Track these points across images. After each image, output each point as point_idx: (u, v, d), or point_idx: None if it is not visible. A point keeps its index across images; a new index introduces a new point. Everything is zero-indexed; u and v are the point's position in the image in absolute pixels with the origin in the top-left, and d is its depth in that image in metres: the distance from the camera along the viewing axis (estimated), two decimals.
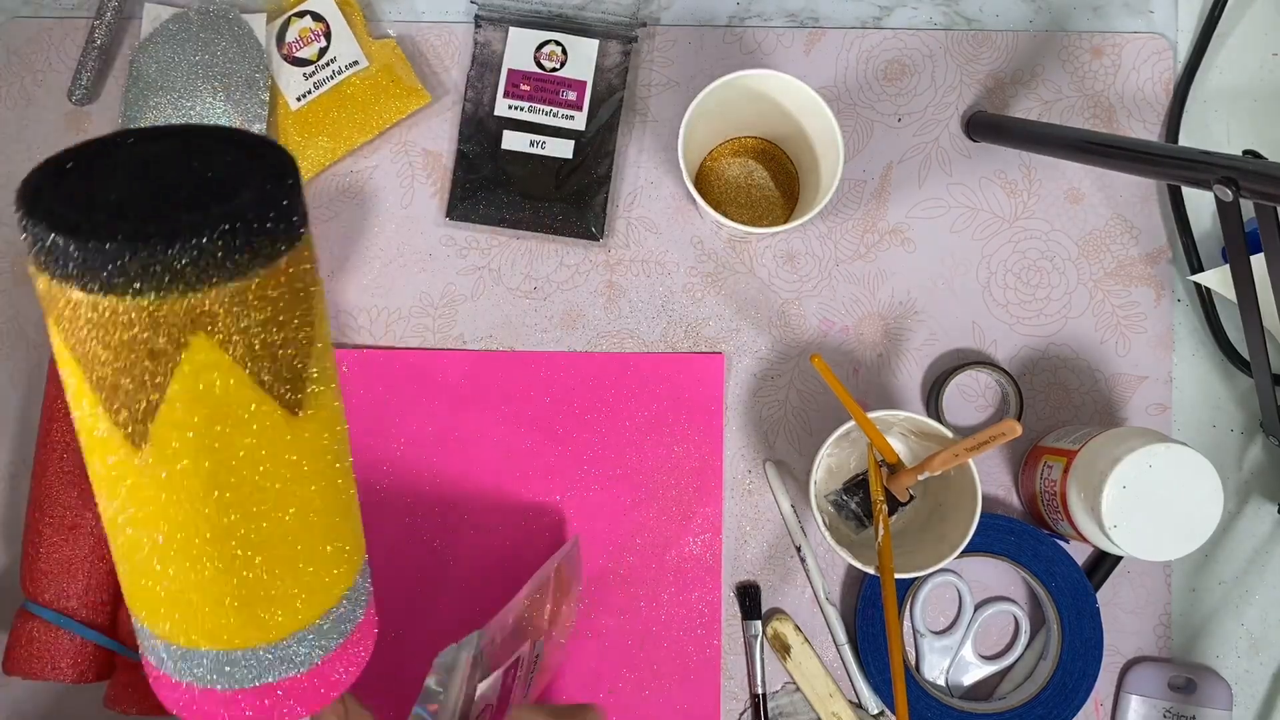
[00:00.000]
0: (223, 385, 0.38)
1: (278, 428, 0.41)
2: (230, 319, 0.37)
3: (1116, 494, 0.63)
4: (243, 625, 0.45)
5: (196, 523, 0.42)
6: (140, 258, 0.35)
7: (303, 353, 0.40)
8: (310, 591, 0.46)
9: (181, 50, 0.73)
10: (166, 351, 0.37)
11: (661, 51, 0.77)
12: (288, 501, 0.43)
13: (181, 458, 0.40)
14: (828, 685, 0.72)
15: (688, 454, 0.74)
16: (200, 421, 0.39)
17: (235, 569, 0.43)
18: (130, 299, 0.35)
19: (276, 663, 0.46)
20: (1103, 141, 0.63)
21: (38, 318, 0.76)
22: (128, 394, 0.38)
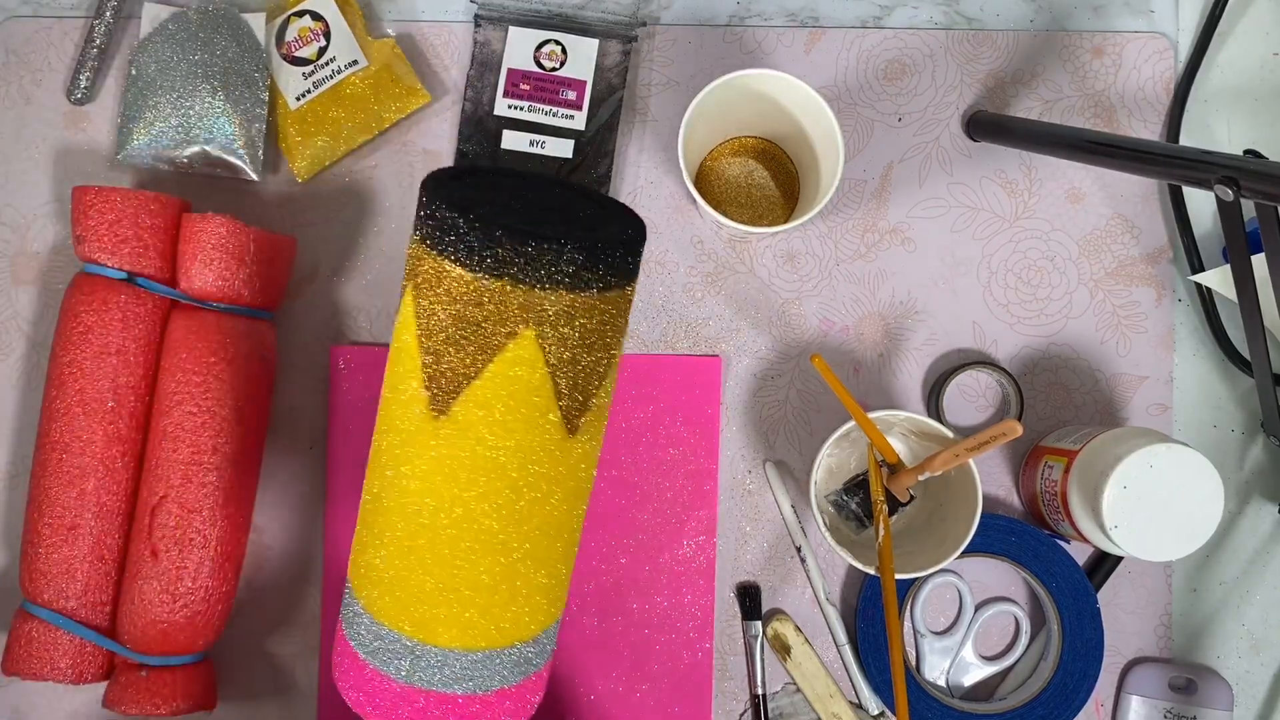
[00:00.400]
0: (529, 381, 0.44)
1: (556, 440, 0.46)
2: (557, 324, 0.43)
3: (1117, 494, 0.63)
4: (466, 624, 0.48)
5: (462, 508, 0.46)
6: (513, 247, 0.42)
7: (595, 383, 0.46)
8: (539, 606, 0.49)
9: (181, 50, 0.73)
10: (499, 334, 0.43)
11: (661, 51, 0.77)
12: (546, 512, 0.47)
13: (473, 437, 0.45)
14: (828, 686, 0.72)
15: (684, 456, 0.74)
16: (500, 408, 0.44)
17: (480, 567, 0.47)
18: (490, 280, 0.42)
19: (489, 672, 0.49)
20: (1103, 141, 0.63)
21: (37, 318, 0.76)
22: (450, 364, 0.44)
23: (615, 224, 0.46)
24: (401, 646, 0.48)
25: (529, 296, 0.43)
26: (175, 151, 0.73)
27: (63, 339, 0.69)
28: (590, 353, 0.45)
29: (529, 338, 0.43)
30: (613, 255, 0.44)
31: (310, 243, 0.76)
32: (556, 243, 0.42)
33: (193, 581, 0.66)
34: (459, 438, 0.45)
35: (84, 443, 0.67)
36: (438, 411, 0.45)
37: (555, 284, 0.43)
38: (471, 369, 0.44)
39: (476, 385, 0.44)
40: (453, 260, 0.43)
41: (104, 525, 0.68)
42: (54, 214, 0.77)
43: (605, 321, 0.45)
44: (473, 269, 0.43)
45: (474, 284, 0.43)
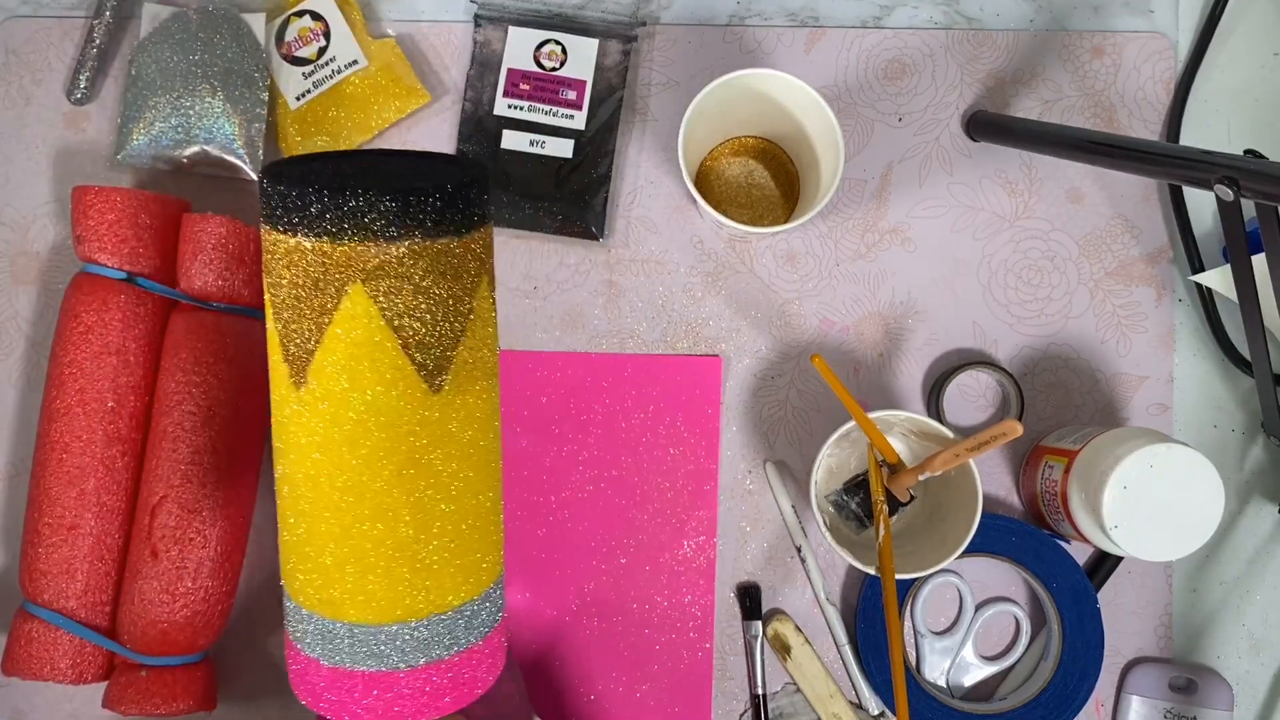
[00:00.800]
0: (369, 337, 0.44)
1: (418, 398, 0.46)
2: (385, 276, 0.44)
3: (1117, 494, 0.63)
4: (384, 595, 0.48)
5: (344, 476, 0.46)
6: (324, 203, 0.42)
7: (450, 335, 0.46)
8: (459, 572, 0.49)
9: (181, 50, 0.73)
10: (330, 294, 0.44)
11: (661, 51, 0.77)
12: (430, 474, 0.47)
13: (330, 402, 0.45)
14: (828, 686, 0.72)
15: (684, 456, 0.74)
16: (349, 370, 0.45)
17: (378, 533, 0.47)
18: (310, 239, 0.43)
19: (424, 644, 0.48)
20: (1103, 141, 0.63)
21: (37, 318, 0.76)
22: (297, 332, 0.45)
23: (444, 173, 0.46)
24: (317, 627, 0.49)
25: (351, 251, 0.43)
26: (175, 151, 0.73)
27: (63, 339, 0.69)
28: (433, 303, 0.45)
29: (358, 292, 0.44)
30: (435, 200, 0.44)
31: None
32: (367, 193, 0.43)
33: (193, 581, 0.66)
34: (318, 404, 0.45)
35: (84, 443, 0.67)
36: (297, 382, 0.45)
37: (374, 235, 0.43)
38: (316, 333, 0.44)
39: (322, 349, 0.44)
40: (280, 230, 0.44)
41: (104, 525, 0.68)
42: (54, 214, 0.77)
43: (444, 270, 0.45)
44: (294, 232, 0.43)
45: (297, 247, 0.43)
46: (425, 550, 0.48)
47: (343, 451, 0.46)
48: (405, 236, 0.44)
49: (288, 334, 0.45)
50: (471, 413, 0.48)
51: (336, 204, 0.43)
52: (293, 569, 0.49)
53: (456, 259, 0.46)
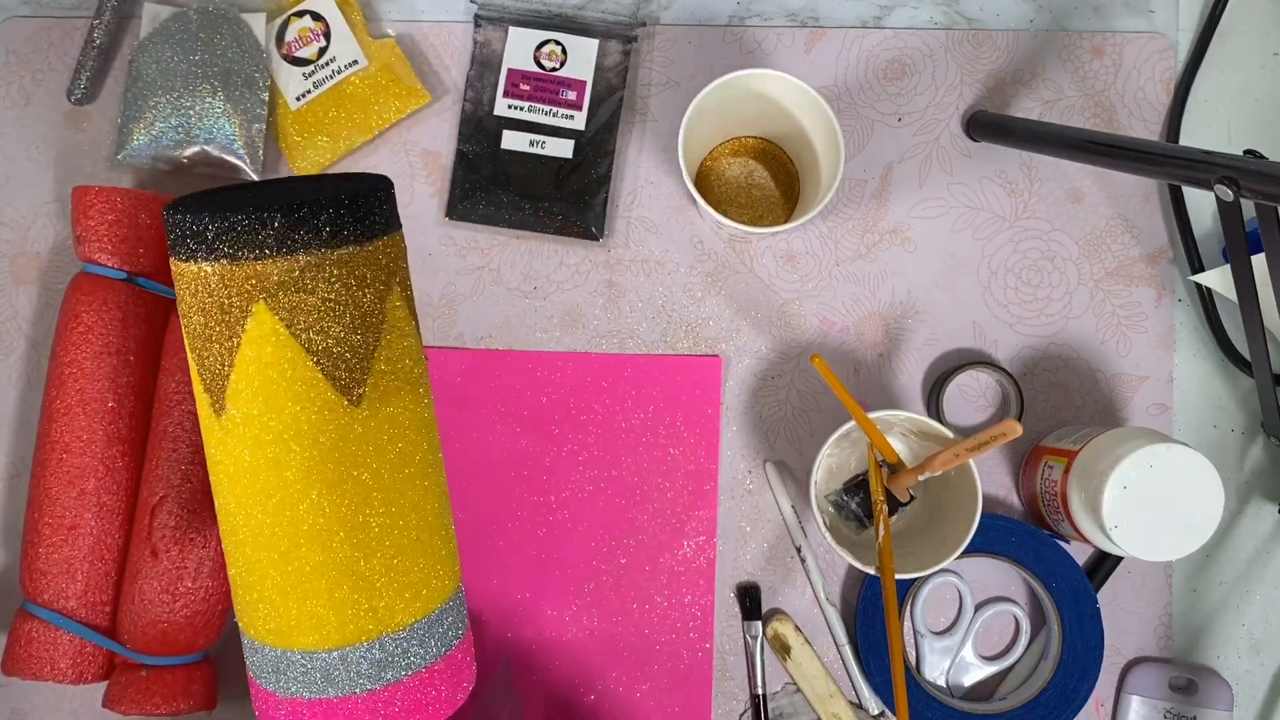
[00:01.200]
0: (280, 356, 0.44)
1: (338, 414, 0.45)
2: (287, 291, 0.43)
3: (1117, 494, 0.63)
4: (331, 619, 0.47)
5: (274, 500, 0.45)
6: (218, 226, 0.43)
7: (364, 348, 0.46)
8: (405, 589, 0.48)
9: (181, 50, 0.73)
10: (234, 314, 0.44)
11: (661, 51, 0.77)
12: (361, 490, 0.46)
13: (250, 426, 0.45)
14: (828, 686, 0.72)
15: (684, 456, 0.74)
16: (263, 391, 0.44)
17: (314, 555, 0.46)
18: (210, 264, 0.43)
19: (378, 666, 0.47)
20: (1103, 141, 0.63)
21: (37, 317, 0.76)
22: (211, 359, 0.45)
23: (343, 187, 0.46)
24: (270, 658, 0.48)
25: (250, 270, 0.43)
26: (175, 151, 0.73)
27: (63, 339, 0.69)
28: (340, 314, 0.45)
29: (263, 311, 0.44)
30: (328, 211, 0.44)
31: None
32: (258, 211, 0.43)
33: (193, 581, 0.66)
34: (239, 430, 0.45)
35: (84, 442, 0.67)
36: (218, 410, 0.45)
37: (270, 251, 0.43)
38: (228, 358, 0.44)
39: (235, 373, 0.44)
40: (182, 259, 0.44)
41: (104, 525, 0.68)
42: (54, 214, 0.77)
43: (347, 280, 0.45)
44: (194, 259, 0.44)
45: (199, 273, 0.44)
46: (367, 569, 0.47)
47: (269, 475, 0.45)
48: (302, 249, 0.44)
49: (203, 362, 0.45)
50: (398, 424, 0.47)
51: (230, 224, 0.43)
52: (241, 601, 0.48)
53: (360, 268, 0.45)
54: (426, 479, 0.49)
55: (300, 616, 0.47)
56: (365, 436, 0.46)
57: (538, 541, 0.74)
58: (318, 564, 0.46)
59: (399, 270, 0.48)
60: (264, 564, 0.46)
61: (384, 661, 0.47)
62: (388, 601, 0.47)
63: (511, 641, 0.73)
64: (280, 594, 0.47)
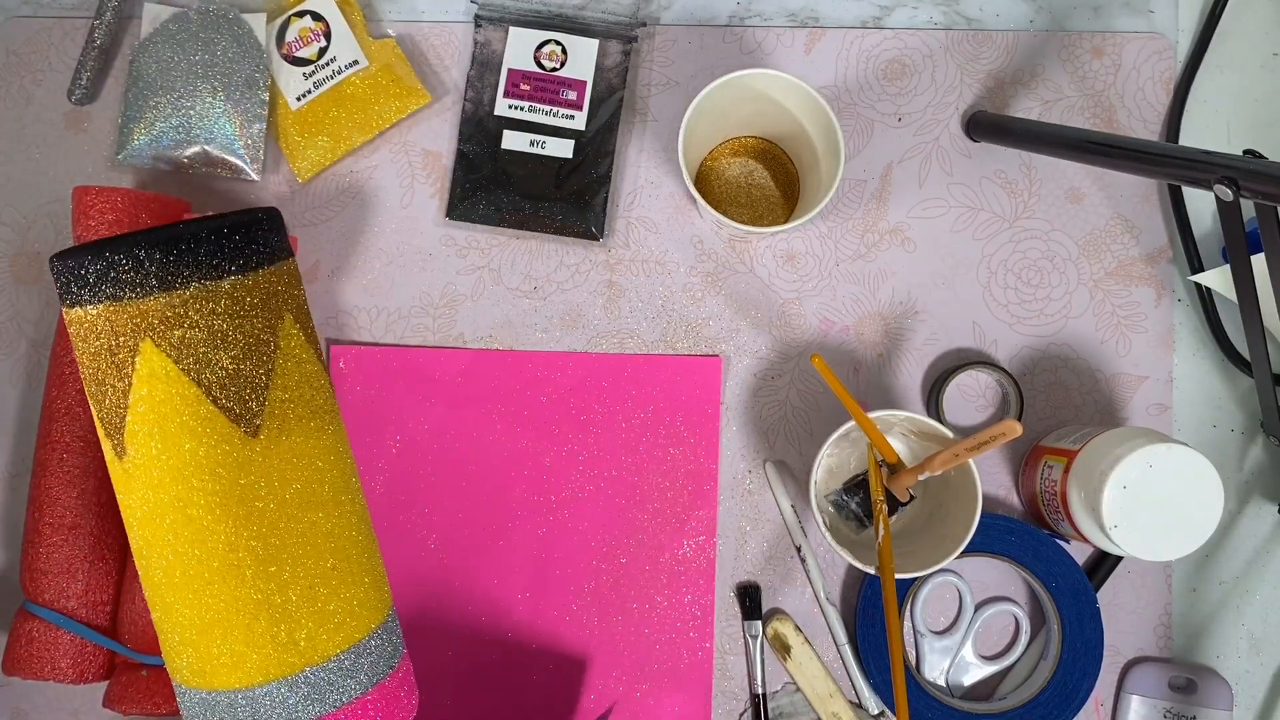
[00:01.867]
0: (171, 392, 0.44)
1: (236, 446, 0.45)
2: (170, 327, 0.43)
3: (1117, 494, 0.63)
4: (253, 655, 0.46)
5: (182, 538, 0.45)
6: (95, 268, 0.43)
7: (255, 378, 0.45)
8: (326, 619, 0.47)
9: (181, 50, 0.73)
10: (123, 355, 0.43)
11: (661, 51, 0.77)
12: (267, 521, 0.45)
13: (151, 466, 0.44)
14: (828, 685, 0.72)
15: (684, 456, 0.74)
16: (160, 429, 0.44)
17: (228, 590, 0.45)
18: (94, 307, 0.43)
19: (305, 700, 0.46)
20: (1103, 141, 0.63)
21: (37, 317, 0.76)
22: (108, 402, 0.45)
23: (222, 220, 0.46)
24: (199, 702, 0.47)
25: (134, 308, 0.43)
26: (176, 151, 0.73)
27: (63, 339, 0.69)
28: (230, 346, 0.45)
29: (149, 349, 0.43)
30: (207, 245, 0.44)
31: (310, 243, 0.76)
32: (131, 249, 0.43)
33: None
34: (141, 471, 0.44)
35: (85, 442, 0.67)
36: (119, 453, 0.45)
37: (152, 288, 0.43)
38: (123, 400, 0.44)
39: (131, 414, 0.44)
40: (69, 305, 0.44)
41: (105, 525, 0.68)
42: (55, 214, 0.77)
43: (233, 311, 0.45)
44: (80, 304, 0.44)
45: (85, 317, 0.44)
46: (283, 601, 0.46)
47: (174, 514, 0.45)
48: (183, 283, 0.44)
49: (100, 406, 0.45)
50: (301, 454, 0.47)
51: (109, 263, 0.43)
52: (165, 645, 0.48)
53: (245, 297, 0.45)
54: (340, 507, 0.48)
55: (221, 654, 0.46)
56: (267, 467, 0.46)
57: (538, 541, 0.74)
58: (232, 599, 0.45)
59: (291, 298, 0.47)
60: (180, 604, 0.46)
61: (311, 695, 0.47)
62: (308, 633, 0.47)
63: (511, 643, 0.73)
64: (199, 633, 0.46)
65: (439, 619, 0.73)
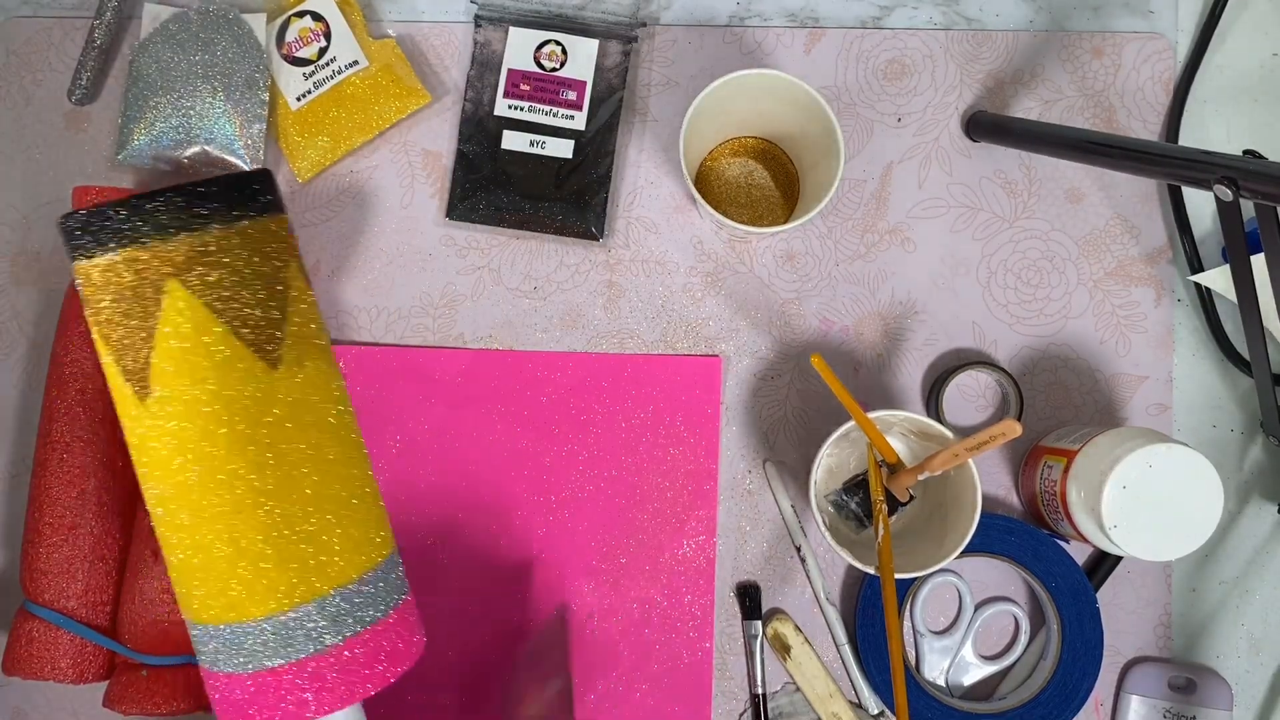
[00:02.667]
0: (197, 329, 0.47)
1: (260, 378, 0.48)
2: (195, 266, 0.46)
3: (1117, 494, 0.63)
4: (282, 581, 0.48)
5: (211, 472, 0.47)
6: (118, 217, 0.46)
7: (274, 313, 0.48)
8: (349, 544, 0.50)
9: (181, 50, 0.73)
10: (150, 297, 0.46)
11: (661, 51, 0.77)
12: (291, 450, 0.48)
13: (178, 403, 0.47)
14: (828, 685, 0.72)
15: (684, 456, 0.74)
16: (188, 364, 0.47)
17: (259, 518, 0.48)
18: (118, 253, 0.46)
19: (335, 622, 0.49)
20: (1103, 141, 0.63)
21: (37, 317, 0.76)
22: (130, 347, 0.47)
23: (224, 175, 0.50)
24: (227, 637, 0.49)
25: (158, 250, 0.46)
26: (176, 152, 0.73)
27: (63, 339, 0.69)
28: (249, 281, 0.48)
29: (175, 287, 0.46)
30: (225, 191, 0.48)
31: (310, 243, 0.76)
32: (154, 196, 0.46)
33: None
34: (167, 409, 0.47)
35: (85, 442, 0.67)
36: (141, 395, 0.47)
37: (174, 229, 0.46)
38: (147, 340, 0.47)
39: (157, 354, 0.47)
40: (88, 255, 0.47)
41: (105, 525, 0.68)
42: (54, 214, 0.77)
43: (251, 250, 0.48)
44: (102, 251, 0.46)
45: (110, 264, 0.46)
46: (311, 528, 0.49)
47: (204, 448, 0.47)
48: (205, 225, 0.47)
49: (121, 351, 0.47)
50: (315, 384, 0.50)
51: (134, 211, 0.46)
52: (188, 589, 0.50)
53: (260, 238, 0.49)
54: (350, 442, 0.51)
55: (254, 584, 0.48)
56: (289, 396, 0.49)
57: (538, 540, 0.74)
58: (262, 526, 0.48)
59: (292, 245, 0.51)
60: (209, 539, 0.48)
61: (339, 617, 0.49)
62: (334, 558, 0.49)
63: (510, 642, 0.73)
64: (229, 565, 0.48)
65: (438, 618, 0.73)
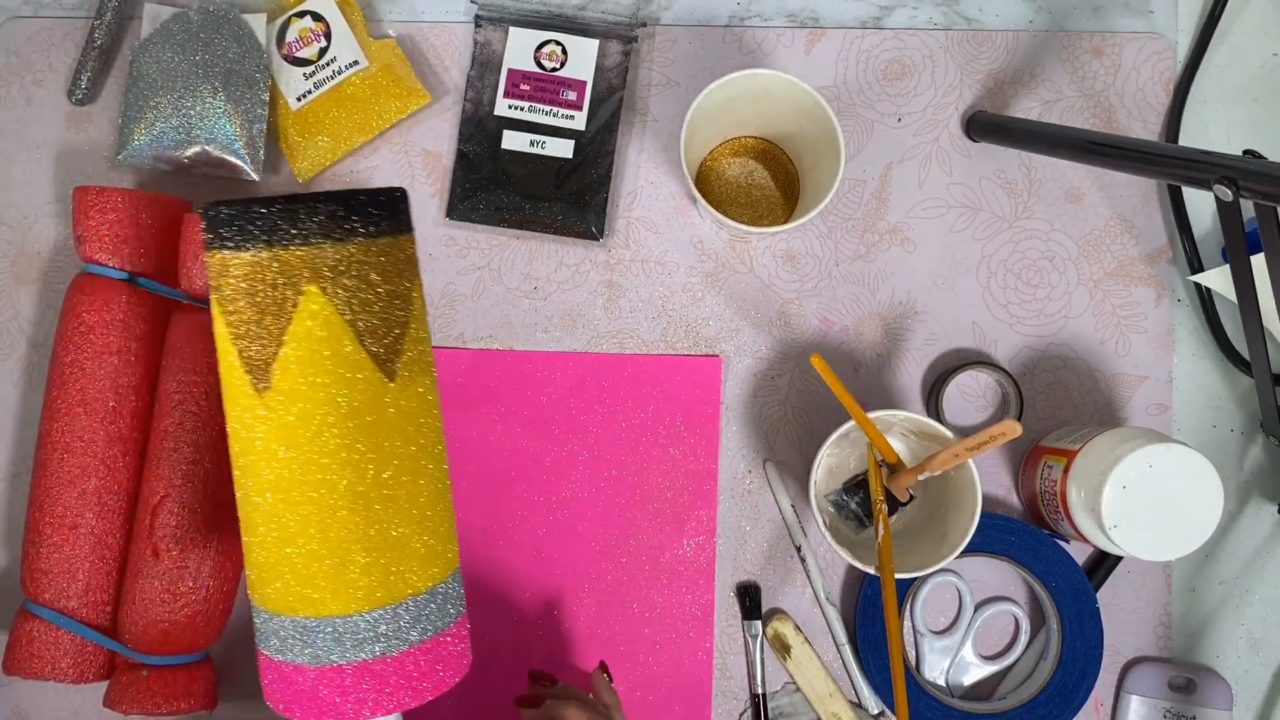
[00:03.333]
0: (328, 334, 0.48)
1: (376, 387, 0.49)
2: (337, 275, 0.48)
3: (1116, 494, 0.63)
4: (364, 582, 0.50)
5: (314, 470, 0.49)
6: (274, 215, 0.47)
7: (397, 329, 0.50)
8: (426, 555, 0.52)
9: (181, 50, 0.73)
10: (287, 297, 0.48)
11: (661, 51, 0.77)
12: (393, 459, 0.50)
13: (296, 400, 0.48)
14: (828, 685, 0.72)
15: (684, 456, 0.74)
16: (312, 366, 0.48)
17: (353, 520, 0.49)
18: (265, 251, 0.47)
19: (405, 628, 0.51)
20: (1103, 141, 0.63)
21: (38, 318, 0.76)
22: (257, 338, 0.48)
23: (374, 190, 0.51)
24: (297, 629, 0.50)
25: (304, 255, 0.48)
26: (176, 152, 0.73)
27: (64, 339, 0.69)
28: (381, 298, 0.50)
29: (315, 293, 0.48)
30: (368, 207, 0.49)
31: None
32: (311, 203, 0.48)
33: (193, 581, 0.66)
34: (283, 405, 0.49)
35: (85, 442, 0.67)
36: (262, 387, 0.49)
37: (323, 238, 0.48)
38: (277, 338, 0.48)
39: (285, 351, 0.48)
40: (231, 249, 0.48)
41: (105, 525, 0.68)
42: (55, 214, 0.77)
43: (387, 267, 0.50)
44: (248, 248, 0.48)
45: (253, 260, 0.48)
46: (397, 535, 0.50)
47: (312, 447, 0.49)
48: (352, 237, 0.48)
49: (247, 343, 0.49)
50: (423, 402, 0.52)
51: (285, 214, 0.47)
52: (267, 578, 0.51)
53: (396, 257, 0.50)
54: (440, 457, 0.53)
55: (335, 583, 0.50)
56: (398, 410, 0.50)
57: (538, 540, 0.74)
58: (355, 529, 0.49)
59: (417, 265, 0.53)
60: (301, 533, 0.49)
61: (409, 624, 0.51)
62: (412, 566, 0.51)
63: (510, 641, 0.73)
64: (315, 561, 0.49)
65: None
